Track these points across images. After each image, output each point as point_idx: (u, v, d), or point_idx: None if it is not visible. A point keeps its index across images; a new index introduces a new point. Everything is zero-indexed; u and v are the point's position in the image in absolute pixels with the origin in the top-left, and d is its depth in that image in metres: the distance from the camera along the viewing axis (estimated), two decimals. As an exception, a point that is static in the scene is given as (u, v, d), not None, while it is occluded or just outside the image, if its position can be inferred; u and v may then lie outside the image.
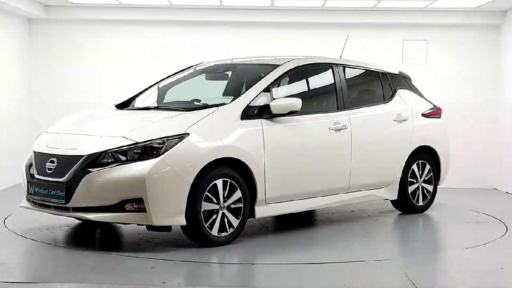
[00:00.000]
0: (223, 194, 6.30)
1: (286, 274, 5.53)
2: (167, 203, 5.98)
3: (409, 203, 8.29)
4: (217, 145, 6.26)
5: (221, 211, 6.30)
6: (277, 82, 7.04)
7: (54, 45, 11.27)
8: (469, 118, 11.32)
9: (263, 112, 6.71)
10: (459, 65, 11.39)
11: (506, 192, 10.75)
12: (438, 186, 8.68)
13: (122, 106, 7.46)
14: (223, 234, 6.33)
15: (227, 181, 6.33)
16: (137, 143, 6.04)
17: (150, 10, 11.06)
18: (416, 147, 8.22)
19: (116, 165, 5.98)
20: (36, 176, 6.44)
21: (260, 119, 6.67)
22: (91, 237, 6.90)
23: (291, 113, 6.78)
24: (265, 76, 6.99)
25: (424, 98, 8.72)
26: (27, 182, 6.55)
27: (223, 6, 10.88)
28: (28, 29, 11.21)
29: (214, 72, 7.88)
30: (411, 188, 8.26)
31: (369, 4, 10.60)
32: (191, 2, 10.69)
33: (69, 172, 6.10)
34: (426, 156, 8.43)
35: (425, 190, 8.44)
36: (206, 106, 6.67)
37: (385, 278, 5.54)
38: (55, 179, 6.19)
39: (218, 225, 6.28)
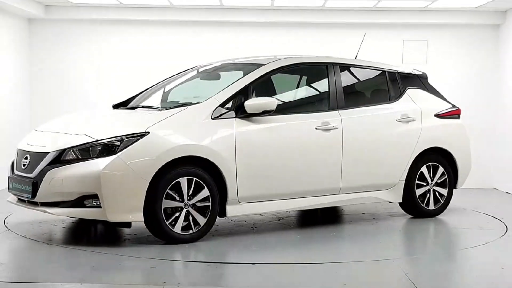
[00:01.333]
0: (188, 192, 6.37)
1: (286, 274, 5.53)
2: (123, 199, 6.11)
3: (417, 206, 8.03)
4: (178, 144, 6.34)
5: (185, 209, 6.38)
6: (257, 82, 7.00)
7: (54, 45, 11.27)
8: (469, 118, 11.29)
9: (238, 111, 6.74)
10: (459, 65, 11.39)
11: (506, 192, 10.75)
12: (455, 190, 8.38)
13: (120, 106, 7.54)
14: (188, 232, 6.42)
15: (192, 179, 6.39)
16: (97, 140, 6.24)
17: (150, 10, 11.06)
18: (424, 148, 7.96)
19: (77, 162, 6.18)
20: (15, 171, 6.75)
21: (234, 119, 6.70)
22: (91, 237, 6.90)
23: (266, 112, 6.76)
24: (244, 76, 7.03)
25: (441, 98, 8.46)
26: (8, 177, 6.88)
27: (223, 6, 10.88)
28: (28, 29, 11.21)
29: (207, 72, 7.87)
30: (419, 191, 7.99)
31: (369, 4, 10.60)
32: (191, 2, 10.69)
33: (37, 168, 6.35)
34: (438, 158, 8.15)
35: (437, 194, 8.13)
36: (181, 106, 6.78)
37: (385, 278, 5.54)
38: (26, 175, 6.47)
39: (182, 223, 6.36)
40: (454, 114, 8.44)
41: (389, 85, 8.03)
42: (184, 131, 6.46)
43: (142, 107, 7.34)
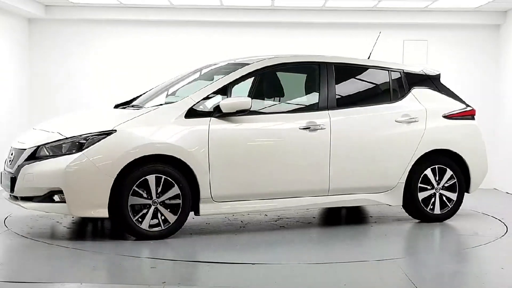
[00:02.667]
0: (156, 190, 6.48)
1: (287, 274, 5.53)
2: (87, 195, 6.31)
3: (420, 211, 7.72)
4: (145, 143, 6.45)
5: (154, 206, 6.49)
6: (238, 82, 7.02)
7: (54, 45, 11.27)
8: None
9: (215, 111, 6.77)
10: (459, 65, 11.39)
11: (506, 192, 10.75)
12: (468, 194, 8.06)
13: (122, 106, 7.55)
14: (156, 228, 6.53)
15: (161, 177, 6.48)
16: (66, 138, 6.47)
17: (150, 10, 11.06)
18: (428, 150, 7.66)
19: (48, 159, 6.43)
20: (5, 167, 7.03)
21: (210, 118, 6.74)
22: (91, 237, 6.90)
23: (240, 112, 6.77)
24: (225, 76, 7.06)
25: (455, 98, 8.13)
26: (0, 173, 7.11)
27: (224, 6, 10.88)
28: (28, 29, 11.21)
29: (206, 73, 7.86)
30: (422, 195, 7.68)
31: (370, 4, 10.60)
32: (192, 2, 10.69)
33: (16, 164, 6.65)
34: (446, 160, 7.81)
35: (444, 198, 7.79)
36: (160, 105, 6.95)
37: (385, 278, 5.54)
38: (9, 170, 6.78)
39: (149, 219, 6.48)
40: (467, 115, 8.06)
41: (392, 85, 7.80)
42: (153, 129, 6.56)
43: (136, 106, 7.36)
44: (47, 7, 10.99)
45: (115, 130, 6.43)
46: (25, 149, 6.62)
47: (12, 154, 6.87)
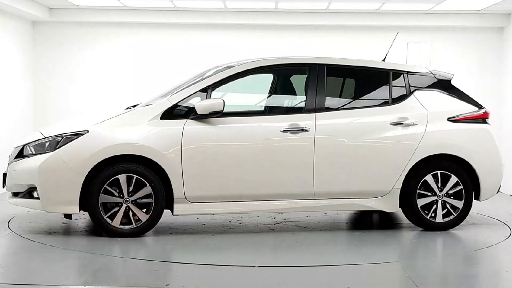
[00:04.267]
0: (128, 189, 6.67)
1: (288, 275, 5.53)
2: (58, 192, 6.63)
3: (420, 218, 7.36)
4: (114, 143, 6.66)
5: (125, 205, 6.69)
6: (219, 85, 7.05)
7: (58, 47, 11.29)
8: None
9: (192, 113, 6.87)
10: (463, 68, 11.36)
11: (510, 195, 10.73)
12: (478, 202, 7.69)
13: (133, 107, 7.65)
14: (128, 226, 6.72)
15: (133, 176, 6.66)
16: (44, 137, 6.85)
17: (154, 12, 11.07)
18: (428, 155, 7.27)
19: (30, 157, 6.80)
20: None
21: (185, 120, 6.85)
22: (94, 239, 6.90)
23: (214, 113, 6.82)
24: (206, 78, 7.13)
25: (467, 100, 7.66)
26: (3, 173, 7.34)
27: (227, 9, 10.89)
28: (32, 31, 11.23)
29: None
30: (422, 201, 7.31)
31: (373, 6, 10.60)
32: (195, 5, 10.71)
33: (8, 162, 7.12)
34: (451, 166, 7.37)
35: (448, 205, 7.37)
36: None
37: (388, 280, 5.53)
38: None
39: (120, 217, 6.69)
40: (477, 118, 7.57)
41: (392, 87, 7.49)
42: (125, 130, 6.76)
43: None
44: (51, 10, 11.01)
45: (88, 131, 6.72)
46: (15, 148, 7.06)
47: (12, 154, 7.18)
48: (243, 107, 7.45)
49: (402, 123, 7.30)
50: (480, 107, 7.66)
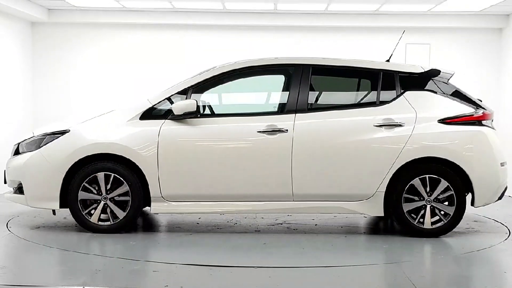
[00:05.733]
0: (105, 187, 6.93)
1: (288, 276, 5.53)
2: (40, 189, 6.96)
3: (406, 224, 7.09)
4: (92, 142, 6.92)
5: (103, 202, 6.95)
6: (200, 86, 7.14)
7: (57, 49, 11.30)
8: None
9: (169, 113, 7.03)
10: (462, 69, 11.36)
11: (509, 196, 10.74)
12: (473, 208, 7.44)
13: None
14: (106, 223, 6.99)
15: (111, 174, 6.90)
16: (33, 136, 7.19)
17: (152, 13, 11.07)
18: (414, 158, 7.00)
19: (22, 154, 7.16)
20: None
21: (164, 120, 7.01)
22: (93, 241, 6.90)
23: (189, 114, 6.93)
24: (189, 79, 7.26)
25: (464, 101, 7.30)
26: None
27: (226, 10, 10.89)
28: (31, 32, 11.23)
29: None
30: (409, 206, 7.04)
31: (372, 7, 10.61)
32: (194, 6, 10.71)
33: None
34: (440, 169, 7.04)
35: (437, 211, 7.08)
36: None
37: (388, 282, 5.54)
38: None
39: (99, 214, 6.96)
40: (471, 120, 7.20)
41: (381, 87, 7.22)
42: (105, 130, 7.01)
43: None
44: (50, 11, 11.01)
45: (69, 130, 7.02)
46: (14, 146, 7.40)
47: None
48: (223, 108, 7.53)
49: (386, 125, 7.05)
50: (477, 108, 7.31)
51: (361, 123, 7.05)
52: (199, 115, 7.00)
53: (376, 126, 7.04)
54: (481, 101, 7.68)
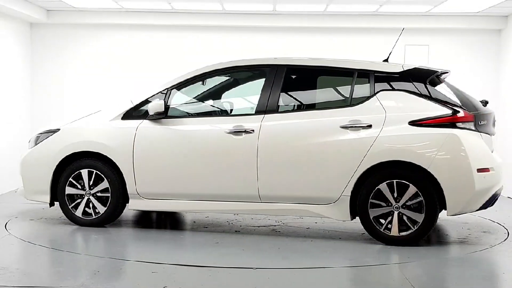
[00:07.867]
0: (89, 183, 7.35)
1: (287, 277, 5.53)
2: (34, 183, 7.56)
3: (373, 231, 6.79)
4: (77, 141, 7.37)
5: (87, 197, 7.37)
6: (180, 87, 7.34)
7: (56, 49, 11.30)
8: (470, 122, 11.28)
9: (146, 114, 7.28)
10: (461, 70, 11.38)
11: (508, 197, 10.74)
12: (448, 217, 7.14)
13: None
14: (89, 217, 7.39)
15: (93, 171, 7.32)
16: (36, 134, 7.73)
17: (151, 14, 11.07)
18: (380, 161, 6.66)
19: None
20: None
21: (142, 120, 7.29)
22: (92, 241, 6.90)
23: (158, 114, 7.16)
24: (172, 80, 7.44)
25: (440, 102, 6.75)
26: None
27: (225, 11, 10.89)
28: (30, 33, 11.23)
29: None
30: (375, 212, 6.72)
31: (371, 8, 10.62)
32: (193, 7, 10.71)
33: None
34: (409, 174, 6.64)
35: (406, 218, 6.66)
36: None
37: (386, 283, 5.53)
38: None
39: (83, 208, 7.38)
40: (444, 122, 6.69)
41: (354, 87, 6.95)
42: (90, 129, 7.44)
43: None
44: (49, 12, 11.01)
45: (59, 129, 7.52)
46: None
47: None
48: (195, 109, 7.62)
49: (352, 126, 6.77)
50: (457, 109, 6.73)
51: (328, 125, 6.84)
52: (164, 116, 7.19)
53: (342, 127, 6.80)
54: (487, 102, 7.57)
